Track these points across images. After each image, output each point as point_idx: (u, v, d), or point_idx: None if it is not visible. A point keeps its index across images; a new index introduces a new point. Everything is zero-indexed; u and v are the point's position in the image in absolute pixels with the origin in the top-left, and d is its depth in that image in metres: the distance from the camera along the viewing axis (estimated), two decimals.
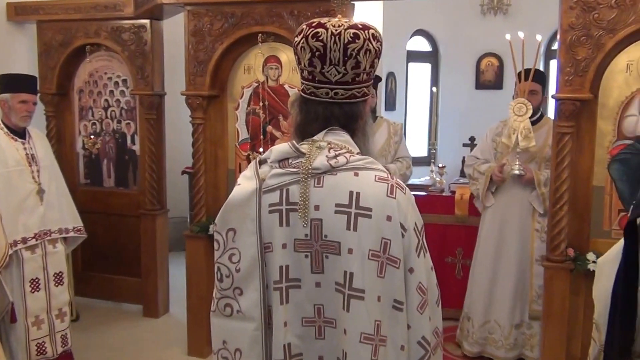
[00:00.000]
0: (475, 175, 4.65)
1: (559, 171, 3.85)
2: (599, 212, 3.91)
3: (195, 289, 4.66)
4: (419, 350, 1.70)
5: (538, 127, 4.44)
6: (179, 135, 6.21)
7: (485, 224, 4.68)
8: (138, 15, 5.15)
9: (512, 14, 8.44)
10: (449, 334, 5.03)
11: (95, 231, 5.28)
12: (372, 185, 1.67)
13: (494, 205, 4.60)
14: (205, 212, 4.65)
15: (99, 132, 5.61)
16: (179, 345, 4.85)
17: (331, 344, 1.72)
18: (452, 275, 5.34)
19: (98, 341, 4.99)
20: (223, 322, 1.78)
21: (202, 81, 4.54)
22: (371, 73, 1.77)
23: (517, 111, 4.24)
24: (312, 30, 1.70)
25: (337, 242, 1.66)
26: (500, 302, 4.57)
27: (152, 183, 5.37)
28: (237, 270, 1.73)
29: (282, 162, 1.73)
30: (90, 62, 5.51)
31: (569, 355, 3.96)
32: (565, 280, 3.90)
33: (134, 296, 5.59)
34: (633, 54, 3.76)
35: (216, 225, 1.78)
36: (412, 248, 1.68)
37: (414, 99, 9.20)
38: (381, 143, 4.74)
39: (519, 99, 4.27)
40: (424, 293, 1.70)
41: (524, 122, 4.23)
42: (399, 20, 8.14)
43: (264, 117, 4.52)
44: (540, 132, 4.44)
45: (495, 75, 8.74)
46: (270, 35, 4.43)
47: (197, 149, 4.62)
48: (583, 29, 3.72)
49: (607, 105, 3.84)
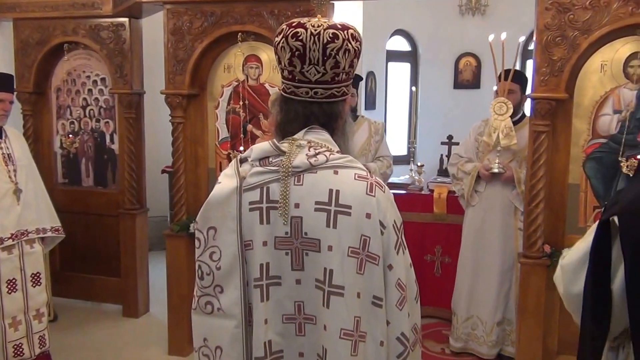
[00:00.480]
0: (460, 175, 4.69)
1: (535, 169, 3.92)
2: (574, 209, 3.98)
3: (176, 288, 4.65)
4: (397, 346, 1.72)
5: (520, 127, 4.50)
6: (159, 134, 6.18)
7: (467, 222, 4.73)
8: (116, 14, 5.11)
9: (489, 15, 8.50)
10: (428, 331, 5.08)
11: (74, 231, 5.24)
12: (351, 183, 1.69)
13: (476, 204, 4.65)
14: (185, 211, 4.64)
15: (77, 131, 5.56)
16: (160, 345, 4.83)
17: (311, 340, 1.73)
18: (431, 273, 5.37)
19: (77, 342, 4.95)
20: (204, 319, 1.79)
21: (181, 80, 4.53)
22: (350, 73, 1.79)
23: (497, 110, 4.31)
24: (292, 30, 1.71)
25: (317, 240, 1.68)
26: (483, 299, 4.62)
27: (131, 182, 5.34)
28: (217, 268, 1.74)
29: (262, 160, 1.75)
30: (68, 61, 5.47)
31: (546, 350, 4.03)
32: (541, 276, 3.97)
33: (113, 296, 5.55)
34: (607, 54, 3.83)
35: (197, 224, 1.79)
36: (391, 245, 1.70)
37: (393, 98, 9.23)
38: (362, 142, 4.77)
39: (499, 98, 4.34)
40: (403, 289, 1.72)
41: (505, 120, 4.29)
42: (379, 20, 8.17)
43: (244, 116, 4.52)
44: (522, 131, 4.49)
45: (473, 75, 8.81)
46: (250, 34, 4.43)
47: (177, 147, 4.61)
48: (558, 29, 3.79)
49: (582, 105, 3.91)
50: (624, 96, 3.83)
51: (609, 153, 3.89)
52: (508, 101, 4.30)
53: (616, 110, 3.85)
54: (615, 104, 3.85)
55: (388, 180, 5.06)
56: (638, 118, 3.79)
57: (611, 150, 3.88)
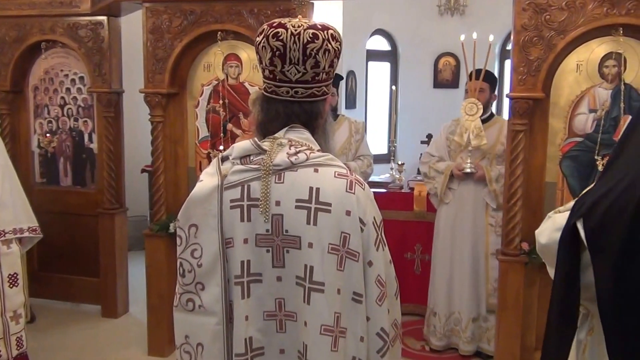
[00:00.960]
0: (432, 174, 4.74)
1: (513, 168, 3.97)
2: (551, 207, 4.00)
3: (155, 288, 4.63)
4: (377, 341, 1.74)
5: (489, 125, 4.60)
6: (139, 133, 6.15)
7: (440, 220, 4.77)
8: (95, 12, 5.08)
9: (468, 15, 8.57)
10: (409, 329, 5.12)
11: (52, 231, 5.16)
12: (331, 181, 1.72)
13: (449, 201, 4.70)
14: (165, 211, 4.62)
15: (55, 131, 5.52)
16: (139, 345, 4.81)
17: (292, 337, 1.75)
18: (411, 271, 5.41)
19: (55, 343, 4.91)
20: (185, 316, 1.81)
21: (161, 79, 4.51)
22: (331, 72, 1.81)
23: (468, 111, 4.39)
24: (272, 30, 1.74)
25: (298, 237, 1.70)
26: (460, 295, 4.67)
27: (110, 182, 5.31)
28: (199, 265, 1.76)
29: (243, 158, 1.77)
30: (46, 59, 5.42)
31: (524, 347, 4.07)
32: (519, 274, 4.01)
33: (92, 296, 5.51)
34: (582, 54, 3.89)
35: (179, 221, 1.81)
36: (370, 242, 1.73)
37: (373, 97, 9.27)
38: (342, 141, 4.79)
39: (470, 99, 4.43)
40: (382, 286, 1.74)
41: (475, 121, 4.38)
42: (359, 20, 8.20)
43: (224, 115, 4.51)
44: (491, 130, 4.60)
45: (452, 75, 8.87)
46: (230, 33, 4.42)
47: (157, 147, 4.59)
48: (535, 30, 3.83)
49: (558, 104, 3.96)
50: (599, 95, 3.88)
51: (585, 152, 3.94)
52: (478, 102, 4.39)
53: (592, 110, 3.89)
54: (590, 103, 3.90)
55: (369, 179, 5.09)
56: (613, 117, 3.84)
57: (587, 149, 3.93)
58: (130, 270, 5.59)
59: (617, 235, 1.55)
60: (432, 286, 4.87)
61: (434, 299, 4.82)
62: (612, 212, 1.58)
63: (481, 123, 4.43)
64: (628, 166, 1.61)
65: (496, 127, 4.63)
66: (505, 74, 8.37)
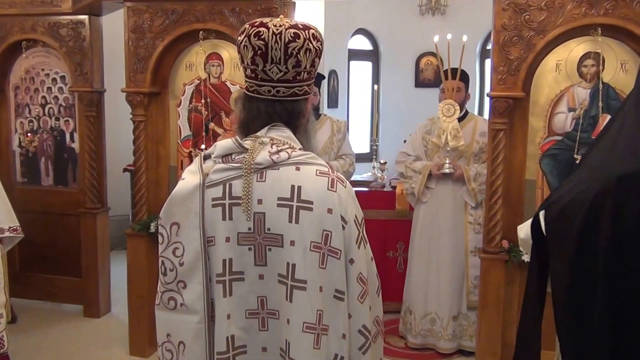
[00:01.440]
0: (409, 173, 4.77)
1: (494, 166, 4.00)
2: (531, 204, 4.06)
3: (137, 287, 4.62)
4: (359, 338, 1.75)
5: (464, 124, 4.65)
6: (120, 133, 6.13)
7: (419, 219, 4.80)
8: (76, 11, 5.06)
9: (449, 15, 8.61)
10: (392, 327, 5.13)
11: (33, 231, 5.15)
12: (313, 179, 1.72)
13: (427, 200, 4.73)
14: (146, 210, 4.61)
15: (36, 130, 5.49)
16: (121, 345, 4.80)
17: (274, 334, 1.76)
18: (394, 269, 5.44)
19: (37, 343, 4.89)
20: (167, 315, 1.80)
21: (142, 78, 4.50)
22: (312, 72, 1.82)
23: (445, 112, 4.44)
24: (254, 29, 1.74)
25: (280, 235, 1.70)
26: (438, 295, 4.69)
27: (92, 181, 5.28)
28: (180, 264, 1.76)
29: (225, 157, 1.77)
30: (27, 58, 5.39)
31: (505, 343, 4.10)
32: (500, 271, 4.05)
33: (74, 296, 5.49)
34: (562, 54, 3.93)
35: (160, 219, 1.81)
36: (352, 240, 1.73)
37: (355, 96, 9.30)
38: (324, 140, 4.80)
39: (447, 100, 4.46)
40: (364, 283, 1.75)
41: (453, 122, 4.42)
42: (341, 20, 8.23)
43: (206, 114, 4.52)
44: (467, 128, 4.65)
45: (434, 74, 8.90)
46: (211, 33, 4.43)
47: (138, 146, 4.58)
48: (515, 29, 3.87)
49: (538, 103, 4.00)
50: (578, 94, 3.92)
51: (564, 150, 3.99)
52: (455, 103, 4.44)
53: (571, 109, 3.94)
54: (569, 102, 3.95)
55: (351, 177, 5.11)
56: (592, 116, 3.89)
57: (566, 148, 3.97)
58: (112, 270, 5.58)
59: (575, 226, 1.60)
60: (407, 285, 4.90)
61: (410, 297, 4.85)
62: (571, 206, 1.64)
63: (458, 124, 4.47)
64: (592, 167, 1.68)
65: (471, 125, 4.68)
66: (486, 74, 8.43)
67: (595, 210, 1.57)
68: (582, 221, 1.59)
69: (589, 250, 1.59)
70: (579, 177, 1.69)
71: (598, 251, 1.58)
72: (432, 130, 4.70)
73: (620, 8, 3.71)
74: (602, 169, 1.62)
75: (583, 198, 1.61)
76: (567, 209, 1.65)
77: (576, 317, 1.63)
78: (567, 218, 1.64)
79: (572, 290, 1.63)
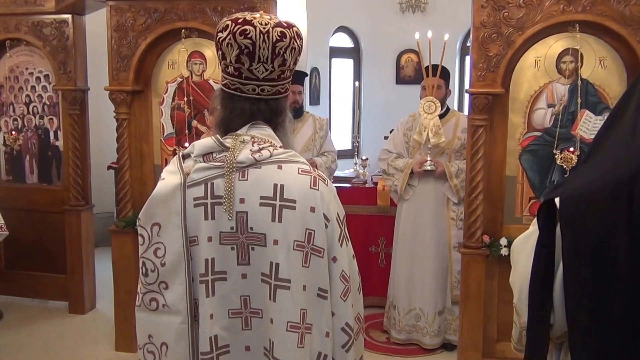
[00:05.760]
0: (391, 170, 4.80)
1: (474, 162, 4.03)
2: (511, 200, 4.12)
3: (122, 283, 4.64)
4: (342, 336, 1.76)
5: (445, 120, 4.67)
6: (104, 131, 6.14)
7: (402, 215, 4.82)
8: (59, 10, 5.07)
9: (429, 12, 8.70)
10: (374, 321, 5.18)
11: (18, 228, 5.18)
12: (295, 177, 1.73)
13: (409, 197, 4.77)
14: (131, 207, 4.64)
15: (20, 128, 5.50)
16: (107, 341, 4.83)
17: (258, 334, 1.76)
18: (376, 264, 5.49)
19: (23, 340, 4.91)
20: (148, 316, 1.78)
21: (125, 76, 4.53)
22: (293, 70, 1.84)
23: (426, 109, 4.46)
24: (239, 27, 1.71)
25: (263, 234, 1.70)
26: (422, 290, 4.71)
27: (76, 179, 5.31)
28: (162, 264, 1.74)
29: (206, 156, 1.76)
30: (11, 57, 5.40)
31: (486, 336, 4.16)
32: (481, 266, 4.10)
33: (59, 293, 5.50)
34: (540, 50, 3.98)
35: (140, 220, 1.78)
36: (335, 238, 1.74)
37: (337, 93, 9.36)
38: (307, 137, 4.84)
39: (428, 97, 4.48)
40: (347, 281, 1.76)
41: (434, 119, 4.45)
42: (322, 17, 8.27)
43: (189, 112, 4.55)
44: (448, 125, 4.68)
45: (414, 71, 8.98)
46: (194, 31, 4.45)
47: (122, 144, 4.61)
48: (494, 26, 3.91)
49: (517, 99, 4.05)
50: (557, 91, 3.99)
51: (543, 146, 4.04)
52: (437, 100, 4.46)
53: (550, 104, 4.00)
54: (548, 98, 4.00)
55: (333, 174, 5.16)
56: (571, 112, 3.94)
57: (546, 143, 4.03)
58: (97, 267, 5.60)
59: (593, 224, 1.54)
60: (392, 280, 4.93)
61: (394, 292, 4.88)
62: (589, 200, 1.57)
63: (439, 120, 4.51)
64: (608, 160, 1.61)
65: (453, 122, 4.72)
66: (466, 70, 8.52)
67: (616, 205, 1.50)
68: (602, 218, 1.53)
69: (610, 250, 1.52)
70: (594, 171, 1.62)
71: (618, 252, 1.50)
72: (414, 126, 4.71)
73: (598, 5, 3.77)
74: (618, 164, 1.55)
75: (602, 194, 1.54)
76: (585, 203, 1.57)
77: (599, 318, 1.55)
78: (585, 213, 1.57)
79: (594, 295, 1.55)
